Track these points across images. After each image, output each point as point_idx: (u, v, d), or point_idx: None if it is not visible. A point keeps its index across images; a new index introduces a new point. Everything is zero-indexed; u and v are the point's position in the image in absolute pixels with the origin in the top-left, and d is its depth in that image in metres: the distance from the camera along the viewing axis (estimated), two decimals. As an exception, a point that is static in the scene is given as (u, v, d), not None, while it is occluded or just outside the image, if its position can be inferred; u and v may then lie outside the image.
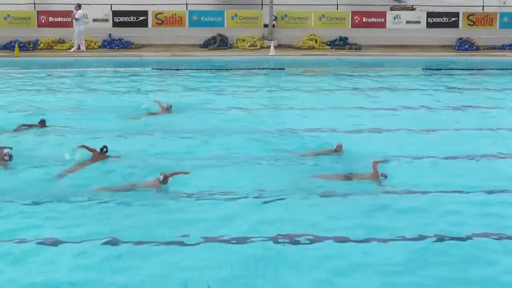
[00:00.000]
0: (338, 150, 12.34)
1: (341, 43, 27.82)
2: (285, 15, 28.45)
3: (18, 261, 8.03)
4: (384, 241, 8.64)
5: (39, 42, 26.90)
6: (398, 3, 31.71)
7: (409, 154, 12.41)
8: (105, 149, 11.81)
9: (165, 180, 10.28)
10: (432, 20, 28.55)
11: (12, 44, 26.18)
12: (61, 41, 26.99)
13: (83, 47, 26.08)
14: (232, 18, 28.23)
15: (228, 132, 13.91)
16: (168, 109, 15.61)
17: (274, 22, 28.18)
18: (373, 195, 10.28)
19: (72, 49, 26.08)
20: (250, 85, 20.17)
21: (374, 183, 10.71)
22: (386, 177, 10.73)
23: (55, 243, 8.46)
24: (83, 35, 26.09)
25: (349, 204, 10.01)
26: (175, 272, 7.81)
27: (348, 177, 10.94)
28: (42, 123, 13.90)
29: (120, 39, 27.32)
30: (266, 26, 28.17)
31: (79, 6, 26.19)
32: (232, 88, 19.53)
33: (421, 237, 8.74)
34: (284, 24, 28.34)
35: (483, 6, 29.58)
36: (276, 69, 23.21)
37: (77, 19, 25.85)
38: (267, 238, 8.65)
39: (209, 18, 28.25)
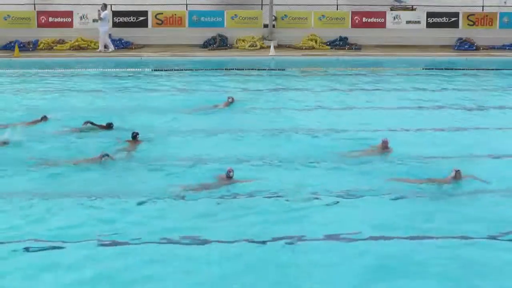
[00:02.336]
0: (384, 145, 12.20)
1: (341, 43, 27.79)
2: (285, 15, 28.43)
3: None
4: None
5: (39, 42, 26.88)
6: (398, 3, 31.73)
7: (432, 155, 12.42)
8: (136, 135, 12.97)
9: (230, 176, 10.71)
10: (432, 20, 28.51)
11: (12, 44, 26.16)
12: (61, 42, 26.96)
13: (111, 47, 26.02)
14: (232, 18, 28.21)
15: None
16: (229, 104, 16.31)
17: (274, 22, 28.16)
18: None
19: (98, 50, 26.03)
20: (254, 85, 20.15)
21: (454, 186, 10.65)
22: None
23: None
24: (106, 35, 25.98)
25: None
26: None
27: (427, 181, 10.79)
28: (108, 126, 14.32)
29: (120, 39, 27.28)
30: (266, 26, 28.15)
31: (105, 6, 26.10)
32: (237, 88, 19.53)
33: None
34: (284, 24, 28.32)
35: (483, 6, 29.55)
36: (276, 69, 23.19)
37: (101, 19, 25.74)
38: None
39: (209, 18, 28.22)
